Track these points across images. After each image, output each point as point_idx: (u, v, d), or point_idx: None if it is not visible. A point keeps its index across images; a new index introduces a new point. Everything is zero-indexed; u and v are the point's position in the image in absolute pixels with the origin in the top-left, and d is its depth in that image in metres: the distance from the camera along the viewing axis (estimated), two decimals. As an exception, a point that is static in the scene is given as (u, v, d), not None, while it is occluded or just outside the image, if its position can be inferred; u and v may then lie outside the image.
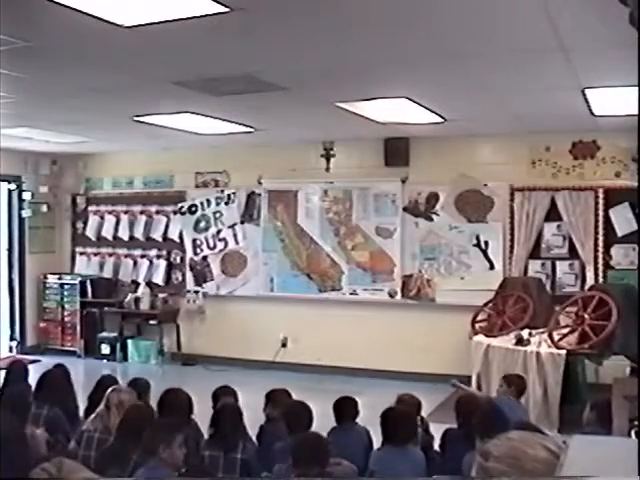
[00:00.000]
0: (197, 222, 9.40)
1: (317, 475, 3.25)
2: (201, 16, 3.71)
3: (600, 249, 7.49)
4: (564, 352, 6.23)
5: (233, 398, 4.72)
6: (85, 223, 10.18)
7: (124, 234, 9.85)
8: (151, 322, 9.49)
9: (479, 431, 3.64)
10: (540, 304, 7.19)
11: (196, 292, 9.44)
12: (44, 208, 10.13)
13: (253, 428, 4.59)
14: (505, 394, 5.24)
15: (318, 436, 3.70)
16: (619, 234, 7.42)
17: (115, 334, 9.58)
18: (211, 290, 9.35)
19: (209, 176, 9.37)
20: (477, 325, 7.49)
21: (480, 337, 7.12)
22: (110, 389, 4.43)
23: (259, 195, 9.06)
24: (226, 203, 9.25)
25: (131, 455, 3.49)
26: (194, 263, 9.45)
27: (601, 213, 7.49)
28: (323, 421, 4.32)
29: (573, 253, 7.58)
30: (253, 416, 4.71)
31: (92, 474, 2.26)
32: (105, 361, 9.40)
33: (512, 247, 7.86)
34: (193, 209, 9.43)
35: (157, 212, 9.69)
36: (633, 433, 4.27)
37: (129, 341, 9.56)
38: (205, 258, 9.38)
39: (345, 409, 4.43)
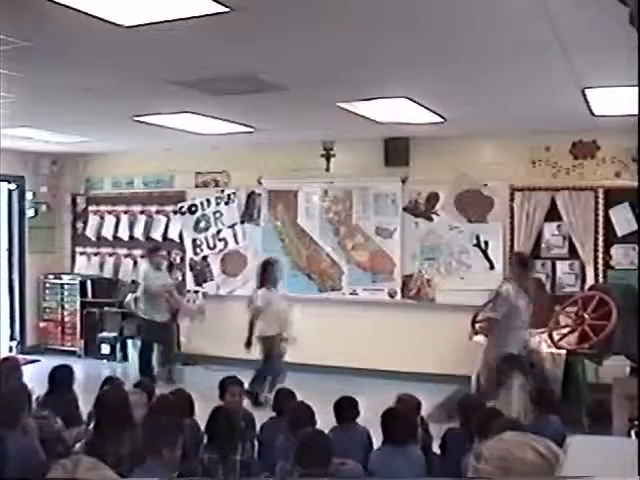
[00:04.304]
0: (197, 222, 9.40)
1: (322, 474, 3.24)
2: (201, 16, 3.71)
3: (600, 249, 7.49)
4: (564, 352, 6.22)
5: (239, 386, 4.76)
6: (85, 223, 10.19)
7: (124, 234, 9.85)
8: (151, 322, 9.49)
9: (478, 432, 3.64)
10: (540, 304, 7.18)
11: (196, 292, 9.43)
12: (44, 208, 10.14)
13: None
14: (533, 412, 4.87)
15: (321, 433, 3.70)
16: (619, 234, 7.41)
17: (115, 334, 9.59)
18: (211, 290, 9.35)
19: (209, 176, 9.37)
20: (477, 325, 7.48)
21: (480, 337, 7.11)
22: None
23: (259, 195, 9.06)
24: (226, 203, 9.25)
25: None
26: (194, 263, 9.45)
27: (601, 213, 7.49)
28: (323, 421, 4.32)
29: (573, 253, 7.58)
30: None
31: (110, 471, 2.25)
32: (105, 361, 9.40)
33: (512, 247, 7.85)
34: (193, 209, 9.43)
35: (157, 212, 9.69)
36: (633, 433, 4.27)
37: (129, 341, 9.56)
38: (205, 258, 9.38)
39: (345, 409, 4.43)
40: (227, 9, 3.61)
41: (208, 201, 9.34)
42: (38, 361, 8.85)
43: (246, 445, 4.06)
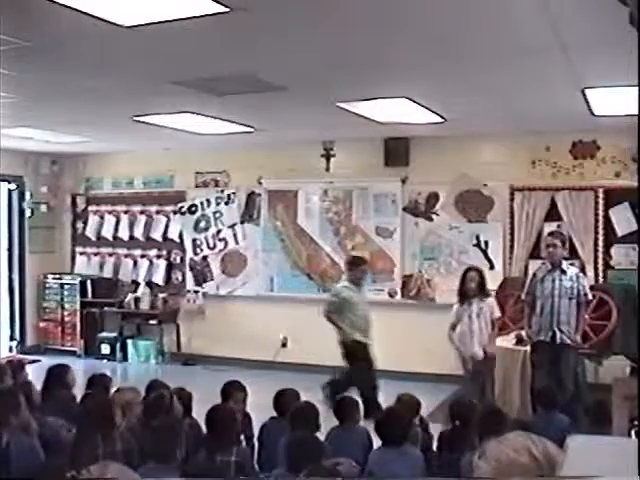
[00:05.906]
0: (197, 222, 9.41)
1: (312, 476, 3.23)
2: (201, 16, 3.71)
3: (600, 249, 7.49)
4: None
5: (243, 393, 4.73)
6: (85, 223, 10.19)
7: (124, 234, 9.86)
8: (151, 322, 9.50)
9: (478, 432, 3.64)
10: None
11: (196, 292, 9.44)
12: (44, 208, 10.14)
13: (254, 427, 4.60)
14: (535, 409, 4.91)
15: (312, 437, 3.69)
16: (619, 234, 7.41)
17: (115, 334, 9.60)
18: (211, 290, 9.36)
19: (209, 176, 9.37)
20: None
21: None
22: (114, 389, 4.45)
23: (259, 195, 9.06)
24: (226, 203, 9.25)
25: None
26: (194, 263, 9.46)
27: (601, 213, 7.49)
28: (324, 421, 4.31)
29: (573, 253, 7.56)
30: (254, 416, 4.72)
31: (136, 476, 2.24)
32: (105, 361, 9.40)
33: (512, 247, 7.85)
34: (193, 209, 9.43)
35: (157, 212, 9.70)
36: (633, 433, 4.27)
37: (129, 341, 9.57)
38: (205, 258, 9.38)
39: (346, 409, 4.43)
40: (227, 9, 3.61)
41: (208, 201, 9.34)
42: (38, 361, 8.84)
43: (245, 446, 4.04)
